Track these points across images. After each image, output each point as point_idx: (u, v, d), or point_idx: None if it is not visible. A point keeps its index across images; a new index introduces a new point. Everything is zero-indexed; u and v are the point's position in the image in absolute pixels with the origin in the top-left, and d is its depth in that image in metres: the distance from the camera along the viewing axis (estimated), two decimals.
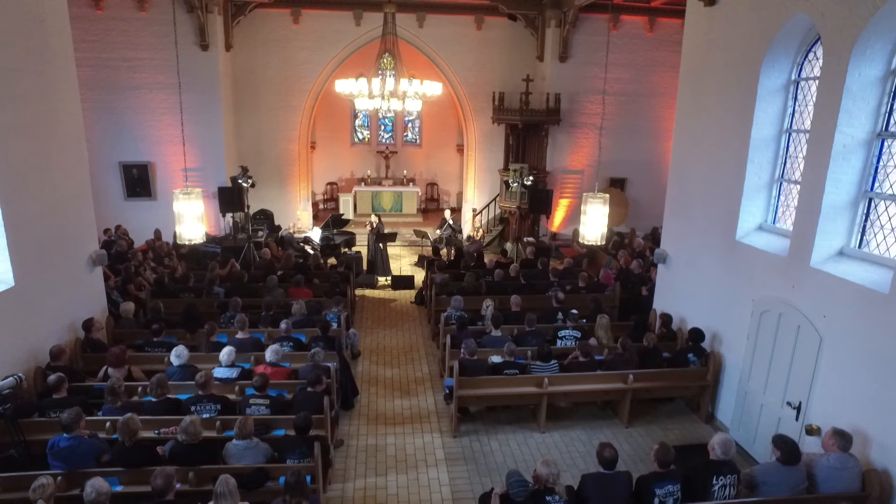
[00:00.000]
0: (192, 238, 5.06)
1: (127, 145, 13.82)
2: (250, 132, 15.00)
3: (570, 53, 14.03)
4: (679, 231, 8.31)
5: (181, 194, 4.98)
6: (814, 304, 5.70)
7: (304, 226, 15.52)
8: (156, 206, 14.09)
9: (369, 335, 9.88)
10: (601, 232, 5.42)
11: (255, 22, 14.37)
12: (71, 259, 7.50)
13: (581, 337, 7.89)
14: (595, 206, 5.32)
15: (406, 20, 14.28)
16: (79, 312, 7.57)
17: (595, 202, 5.31)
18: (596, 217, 5.34)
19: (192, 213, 5.01)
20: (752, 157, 6.73)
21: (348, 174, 18.79)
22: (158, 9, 13.16)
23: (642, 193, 14.76)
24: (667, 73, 14.24)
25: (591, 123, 14.46)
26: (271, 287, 9.34)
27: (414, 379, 8.46)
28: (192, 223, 5.02)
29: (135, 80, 13.54)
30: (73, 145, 7.55)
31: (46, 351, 6.72)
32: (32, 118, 6.69)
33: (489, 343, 7.73)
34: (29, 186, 6.61)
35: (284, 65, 14.73)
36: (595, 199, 5.31)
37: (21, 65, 6.49)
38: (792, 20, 6.10)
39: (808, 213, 5.79)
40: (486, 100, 14.88)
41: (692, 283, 7.92)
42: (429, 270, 10.95)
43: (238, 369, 6.72)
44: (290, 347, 7.47)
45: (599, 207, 5.32)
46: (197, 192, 5.05)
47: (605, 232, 5.47)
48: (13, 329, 6.34)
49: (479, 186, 15.78)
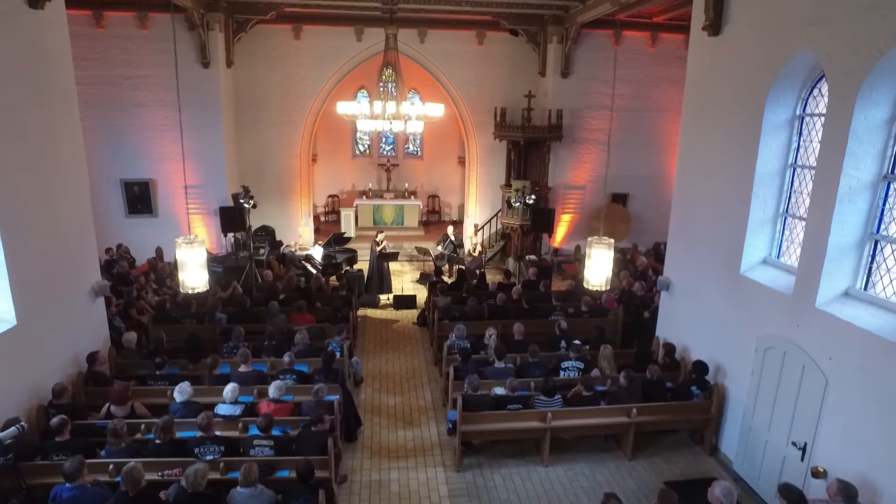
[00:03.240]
0: (196, 286, 5.02)
1: (128, 162, 13.80)
2: (252, 148, 14.98)
3: (572, 69, 13.98)
4: (682, 259, 8.29)
5: (184, 243, 4.94)
6: (819, 346, 5.67)
7: (306, 241, 15.50)
8: (157, 223, 14.06)
9: (371, 359, 9.86)
10: (606, 276, 5.39)
11: (256, 38, 14.33)
12: (73, 291, 7.49)
13: (584, 368, 7.87)
14: (600, 250, 5.29)
15: (407, 35, 14.23)
16: (81, 344, 7.56)
17: (600, 247, 5.28)
18: (601, 261, 5.31)
19: (195, 260, 4.98)
20: (757, 191, 6.70)
21: (349, 186, 18.76)
22: (159, 27, 13.12)
23: (644, 208, 14.71)
24: (669, 88, 14.19)
25: (593, 139, 14.43)
26: (273, 313, 9.32)
27: (417, 408, 8.44)
28: (195, 270, 4.98)
29: (136, 97, 13.51)
30: (74, 177, 7.54)
31: (48, 387, 6.71)
32: (35, 154, 6.68)
33: (492, 374, 7.71)
34: (31, 223, 6.60)
35: (286, 80, 14.70)
36: (600, 244, 5.27)
37: (24, 101, 6.48)
38: (797, 57, 6.07)
39: (814, 254, 5.76)
40: (488, 115, 14.84)
41: (695, 312, 7.90)
42: (431, 293, 10.92)
43: (241, 406, 6.70)
44: (294, 380, 7.46)
45: (604, 252, 5.28)
46: (200, 240, 5.02)
47: (609, 276, 5.43)
48: (16, 369, 6.33)
49: (480, 201, 15.75)
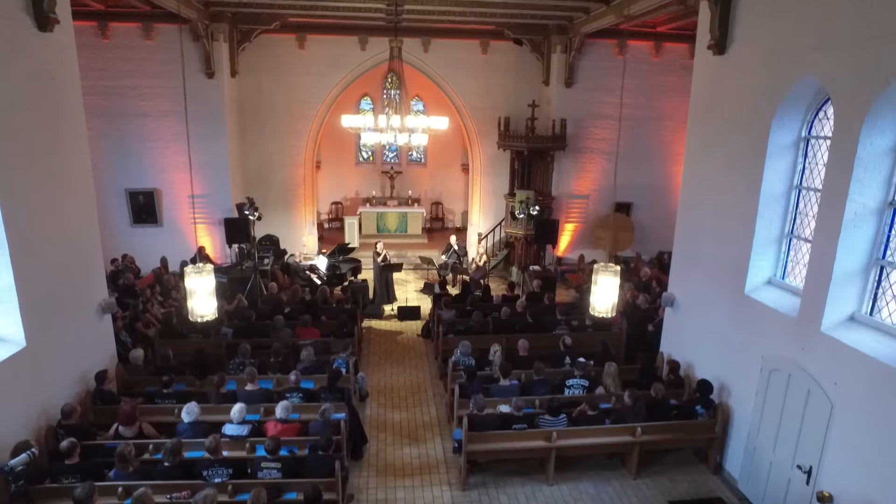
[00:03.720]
0: (205, 315, 5.06)
1: (133, 172, 13.84)
2: (256, 157, 15.01)
3: (576, 79, 13.99)
4: (687, 275, 8.31)
5: (193, 272, 4.97)
6: (825, 370, 5.69)
7: (310, 250, 15.53)
8: (162, 233, 14.12)
9: (377, 372, 9.90)
10: (612, 303, 5.41)
11: (260, 48, 14.36)
12: (80, 309, 7.54)
13: (589, 386, 7.90)
14: (607, 277, 5.31)
15: (411, 44, 14.24)
16: (89, 362, 7.61)
17: (606, 274, 5.30)
18: (607, 288, 5.33)
19: (204, 289, 5.01)
20: (762, 212, 6.71)
21: (353, 193, 18.80)
22: (164, 37, 13.16)
23: (648, 217, 14.72)
24: (673, 97, 14.20)
25: (596, 148, 14.44)
26: (279, 327, 9.37)
27: (422, 423, 8.48)
28: (204, 298, 5.02)
29: (141, 107, 13.54)
30: (82, 197, 7.58)
31: (57, 407, 6.76)
32: (44, 176, 6.72)
33: (497, 393, 7.74)
34: (40, 244, 6.64)
35: (290, 90, 14.73)
36: (606, 271, 5.30)
37: (33, 124, 6.53)
38: (802, 81, 6.09)
39: (819, 278, 5.78)
40: (492, 124, 14.85)
41: (700, 329, 7.92)
42: (435, 305, 10.95)
43: (249, 426, 6.75)
44: (300, 399, 7.50)
45: (611, 279, 5.31)
46: (208, 269, 5.05)
47: (615, 302, 5.45)
48: (26, 390, 6.38)
49: (484, 210, 15.77)
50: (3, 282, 6.14)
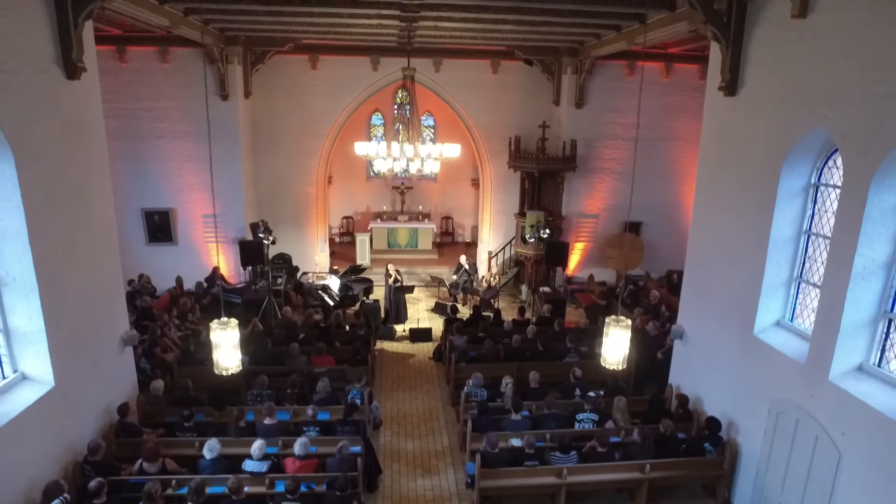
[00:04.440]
0: (230, 367, 5.26)
1: (149, 192, 14.08)
2: (268, 176, 15.22)
3: (587, 100, 14.09)
4: (696, 310, 8.42)
5: (218, 325, 5.16)
6: (832, 419, 5.80)
7: (323, 267, 15.72)
8: (177, 251, 14.35)
9: (389, 399, 10.07)
10: (623, 355, 5.56)
11: (273, 68, 14.55)
12: (104, 344, 7.75)
13: (598, 420, 8.03)
14: (618, 330, 5.45)
15: (423, 64, 14.37)
16: (111, 395, 7.83)
17: (618, 328, 5.45)
18: (618, 341, 5.48)
19: (228, 342, 5.20)
20: (772, 255, 6.82)
21: (364, 208, 19.00)
22: (180, 60, 13.38)
23: (658, 236, 14.80)
24: (682, 117, 14.27)
25: (606, 168, 14.54)
26: (295, 355, 9.57)
27: (435, 453, 8.65)
28: (229, 351, 5.21)
29: (157, 129, 13.77)
30: (105, 235, 7.81)
31: (82, 441, 7.00)
32: (70, 219, 6.93)
33: (509, 427, 7.90)
34: (67, 285, 6.84)
35: (302, 109, 14.91)
36: (618, 325, 5.44)
37: (62, 170, 6.75)
38: (811, 132, 6.19)
39: (827, 327, 5.88)
40: (502, 143, 14.99)
41: (709, 364, 8.03)
42: (447, 330, 11.11)
43: (268, 462, 6.94)
44: (317, 432, 7.70)
45: (622, 333, 5.45)
46: (233, 323, 5.23)
47: (626, 354, 5.60)
48: (55, 428, 6.60)
49: (494, 228, 15.92)
50: (34, 325, 6.35)
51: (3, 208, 5.98)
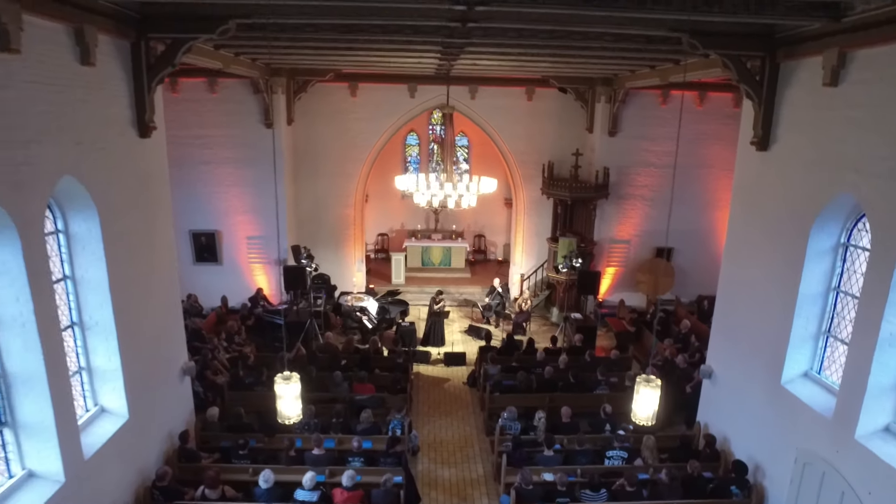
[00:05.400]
0: (291, 417, 5.79)
1: (197, 214, 14.80)
2: (309, 198, 15.83)
3: (620, 128, 14.34)
4: (725, 353, 8.69)
5: (281, 379, 5.69)
6: (859, 477, 6.04)
7: (359, 284, 16.28)
8: (221, 271, 15.06)
9: (426, 424, 10.55)
10: (653, 411, 5.90)
11: (315, 96, 15.13)
12: (166, 376, 8.40)
13: (627, 458, 8.37)
14: (648, 389, 5.80)
15: (459, 91, 14.78)
16: (172, 422, 8.49)
17: (649, 387, 5.79)
18: (648, 399, 5.82)
19: (290, 394, 5.72)
20: (800, 310, 7.06)
21: (399, 225, 19.54)
22: (228, 91, 14.05)
23: (689, 262, 14.98)
24: (715, 144, 14.41)
25: (638, 195, 14.77)
26: (338, 382, 10.12)
27: (470, 481, 9.09)
28: (290, 402, 5.74)
29: (205, 155, 14.47)
30: (168, 276, 8.45)
31: (149, 466, 7.69)
32: (141, 266, 7.56)
33: (542, 462, 8.30)
34: (138, 326, 7.47)
35: (342, 135, 15.48)
36: (648, 384, 5.79)
37: (135, 222, 7.38)
38: (840, 196, 6.42)
39: (854, 387, 6.12)
40: (536, 168, 15.35)
41: (737, 406, 8.29)
42: (481, 358, 11.55)
43: (318, 492, 7.48)
44: (361, 462, 8.22)
45: (652, 392, 5.79)
46: (295, 377, 5.76)
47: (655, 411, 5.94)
48: (129, 457, 7.25)
49: (527, 250, 16.28)
50: (112, 364, 6.99)
51: (88, 261, 6.62)
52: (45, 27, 5.48)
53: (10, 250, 5.23)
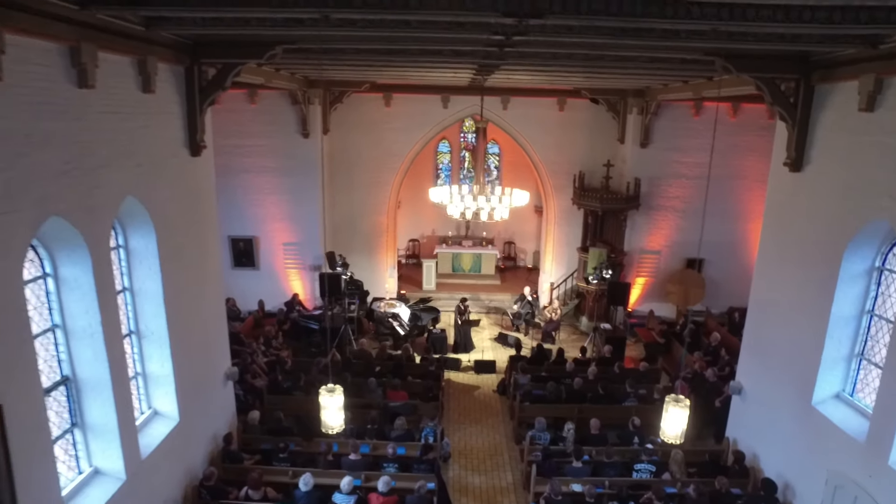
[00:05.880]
0: (334, 427, 6.12)
1: (236, 221, 15.30)
2: (344, 206, 16.24)
3: (651, 139, 14.39)
4: (755, 370, 8.74)
5: (326, 391, 6.03)
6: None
7: (391, 290, 16.64)
8: (258, 276, 15.54)
9: (457, 431, 10.82)
10: (681, 430, 6.06)
11: (350, 106, 15.51)
12: (211, 381, 8.85)
13: (655, 472, 8.51)
14: (677, 409, 5.97)
15: (491, 102, 14.98)
16: (217, 424, 8.93)
17: (678, 407, 5.96)
18: (677, 418, 5.98)
19: (334, 405, 6.06)
20: (832, 331, 7.11)
21: (430, 231, 19.85)
22: (267, 102, 14.52)
23: (720, 273, 14.93)
24: (749, 156, 14.33)
25: (669, 206, 14.80)
26: (372, 389, 10.46)
27: (500, 489, 9.33)
28: (334, 413, 6.07)
29: (245, 163, 14.96)
30: (214, 285, 8.91)
31: (196, 466, 8.15)
32: (191, 276, 8.00)
33: (570, 473, 8.49)
34: (188, 333, 7.90)
35: (376, 144, 15.84)
36: (677, 404, 5.96)
37: (187, 235, 7.81)
38: (875, 222, 6.47)
39: (888, 411, 6.14)
40: (566, 177, 15.49)
41: (767, 424, 8.34)
42: (511, 367, 11.77)
43: (355, 496, 7.82)
44: (395, 468, 8.54)
45: (681, 412, 5.96)
46: (339, 389, 6.09)
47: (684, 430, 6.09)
48: (179, 457, 7.70)
49: (556, 259, 16.43)
50: (165, 370, 7.44)
51: (146, 274, 7.06)
52: (114, 61, 5.90)
53: (81, 267, 5.67)
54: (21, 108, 4.57)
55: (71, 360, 5.90)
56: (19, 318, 4.71)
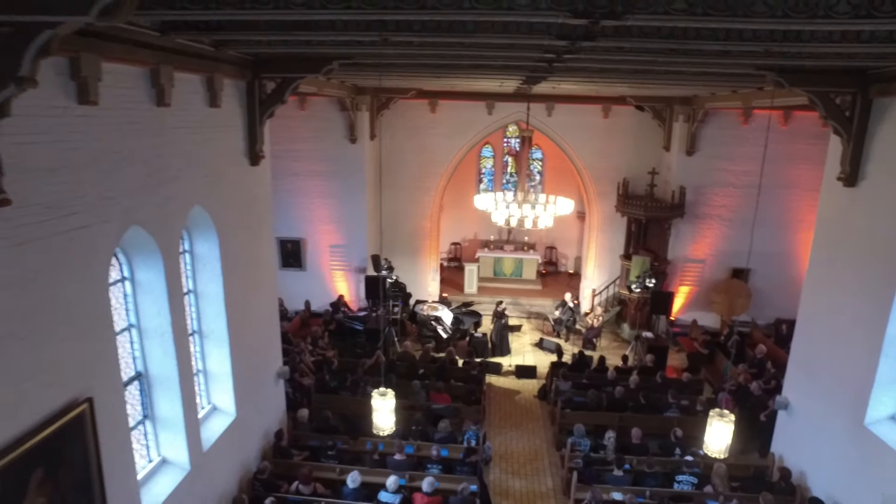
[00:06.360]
0: (385, 429, 6.39)
1: (284, 222, 15.78)
2: (388, 209, 16.60)
3: (698, 147, 14.24)
4: (803, 386, 8.62)
5: (378, 394, 6.32)
6: None
7: (433, 293, 16.92)
8: (305, 276, 16.03)
9: (498, 435, 11.00)
10: (726, 444, 6.09)
11: (396, 112, 15.88)
12: (264, 379, 9.26)
13: (697, 484, 8.50)
14: (721, 424, 6.01)
15: (535, 109, 15.05)
16: (268, 420, 9.36)
17: (722, 421, 6.00)
18: (721, 433, 6.02)
19: (386, 407, 6.34)
20: (887, 350, 6.98)
21: (472, 235, 20.07)
22: (316, 108, 14.97)
23: (767, 283, 14.64)
24: (800, 165, 14.00)
25: (715, 215, 14.61)
26: (416, 391, 10.74)
27: (540, 494, 9.47)
28: (385, 414, 6.35)
29: (293, 167, 15.46)
30: (268, 288, 9.34)
31: (250, 460, 8.58)
32: (249, 279, 8.41)
33: (611, 481, 8.57)
34: (244, 333, 8.31)
35: (421, 149, 16.14)
36: (722, 418, 6.00)
37: (245, 240, 8.23)
38: None
39: None
40: (610, 184, 15.46)
41: (815, 442, 8.22)
42: (553, 373, 11.87)
43: (400, 495, 8.10)
44: (439, 469, 8.79)
45: (724, 426, 6.00)
46: (390, 393, 6.37)
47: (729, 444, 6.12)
48: (235, 451, 8.12)
49: (599, 265, 16.42)
50: (224, 368, 7.87)
51: (208, 277, 7.50)
52: (187, 80, 6.32)
53: (154, 272, 6.11)
54: (111, 128, 5.00)
55: (143, 357, 6.35)
56: (105, 317, 5.15)
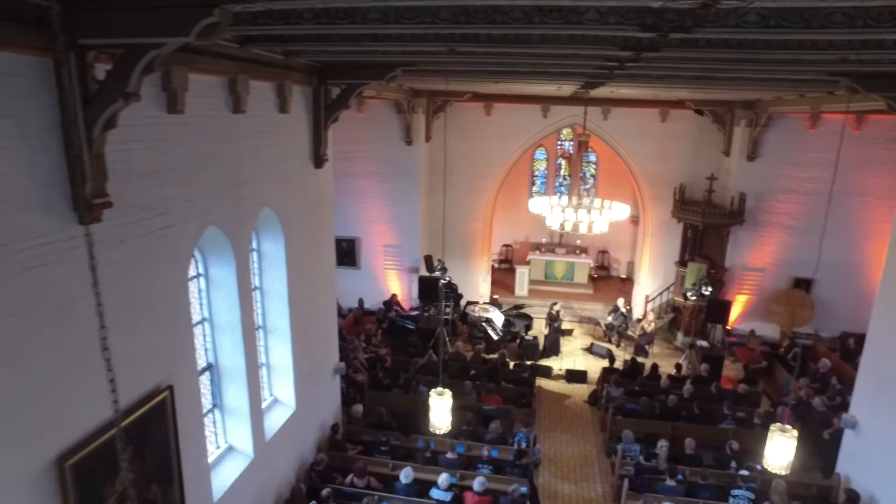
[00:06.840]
0: (441, 428, 6.57)
1: (340, 222, 16.16)
2: (442, 210, 16.73)
3: (760, 152, 13.82)
4: (873, 404, 8.27)
5: (435, 394, 6.50)
6: None
7: (484, 294, 17.04)
8: (359, 275, 16.41)
9: (547, 438, 11.02)
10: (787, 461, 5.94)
11: (451, 114, 16.07)
12: (322, 374, 9.60)
13: (755, 500, 8.30)
14: (783, 439, 5.87)
15: (590, 112, 14.95)
16: (324, 414, 9.70)
17: (784, 437, 5.86)
18: (782, 448, 5.88)
19: (443, 407, 6.51)
20: None
21: (523, 237, 20.08)
22: (373, 111, 15.32)
23: (832, 295, 14.05)
24: (873, 171, 13.40)
25: (777, 222, 14.13)
26: (467, 392, 10.90)
27: (589, 500, 9.45)
28: (442, 414, 6.52)
29: (349, 168, 15.83)
30: (328, 286, 9.71)
31: (307, 451, 8.92)
32: (312, 278, 8.77)
33: (663, 491, 8.47)
34: (305, 329, 8.66)
35: (475, 152, 16.28)
36: (783, 434, 5.86)
37: (310, 240, 8.59)
38: None
39: None
40: (666, 188, 15.19)
41: (886, 463, 7.88)
42: (604, 379, 11.80)
43: (451, 493, 8.27)
44: (490, 470, 8.91)
45: (787, 441, 5.85)
46: (447, 393, 6.53)
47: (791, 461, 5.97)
48: (294, 442, 8.48)
49: (653, 271, 16.15)
50: (286, 362, 8.24)
51: (274, 275, 7.87)
52: (260, 87, 6.67)
53: (227, 269, 6.48)
54: (195, 134, 5.36)
55: (215, 349, 6.74)
56: (185, 311, 5.52)
